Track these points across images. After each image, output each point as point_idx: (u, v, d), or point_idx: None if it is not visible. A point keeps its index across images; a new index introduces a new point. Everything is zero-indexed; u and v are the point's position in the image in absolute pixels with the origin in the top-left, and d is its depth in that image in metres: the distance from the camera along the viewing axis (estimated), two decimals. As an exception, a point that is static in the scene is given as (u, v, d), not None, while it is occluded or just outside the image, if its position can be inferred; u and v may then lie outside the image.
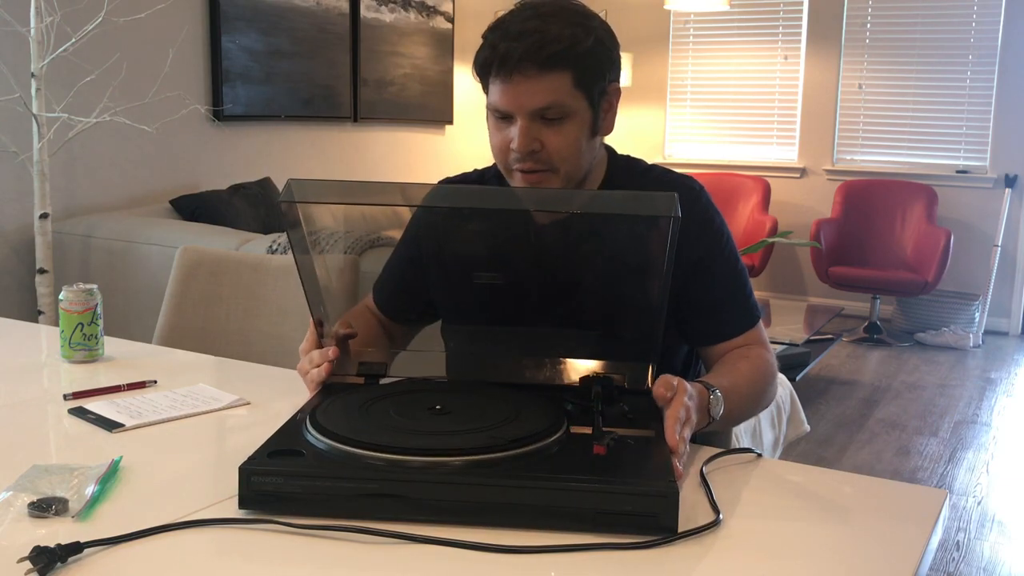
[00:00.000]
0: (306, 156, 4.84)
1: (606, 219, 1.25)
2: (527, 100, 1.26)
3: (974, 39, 5.68)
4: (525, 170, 1.30)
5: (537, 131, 1.27)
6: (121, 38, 3.64)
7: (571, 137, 1.29)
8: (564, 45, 1.25)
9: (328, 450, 1.01)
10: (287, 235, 1.19)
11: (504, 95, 1.27)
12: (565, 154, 1.29)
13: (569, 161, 1.30)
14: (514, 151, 1.29)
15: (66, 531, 0.93)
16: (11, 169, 3.37)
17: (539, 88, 1.25)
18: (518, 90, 1.26)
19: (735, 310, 1.41)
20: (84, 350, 1.57)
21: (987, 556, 2.79)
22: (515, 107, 1.27)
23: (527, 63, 1.24)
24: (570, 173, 1.32)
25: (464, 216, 1.32)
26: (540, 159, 1.29)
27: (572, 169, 1.31)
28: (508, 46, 1.24)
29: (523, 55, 1.24)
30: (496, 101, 1.29)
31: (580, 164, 1.33)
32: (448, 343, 1.43)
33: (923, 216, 5.60)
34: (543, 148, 1.28)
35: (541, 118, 1.27)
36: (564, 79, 1.26)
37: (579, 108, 1.29)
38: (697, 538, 0.94)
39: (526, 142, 1.27)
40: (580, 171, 1.34)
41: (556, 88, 1.26)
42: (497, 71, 1.26)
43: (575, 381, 1.24)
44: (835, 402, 4.30)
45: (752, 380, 1.35)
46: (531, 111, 1.26)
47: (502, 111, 1.29)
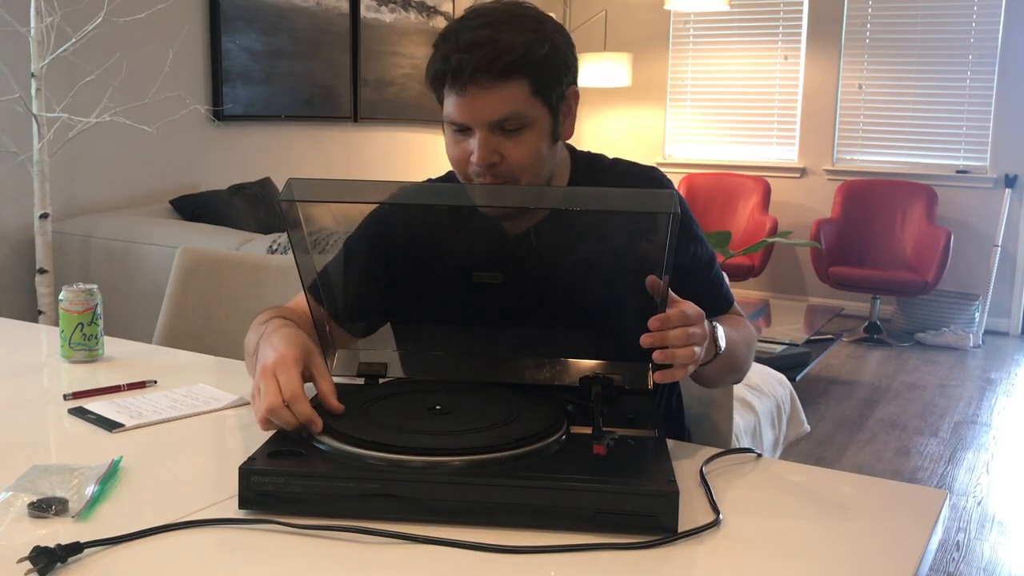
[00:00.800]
0: (306, 156, 4.84)
1: (605, 217, 1.25)
2: (484, 112, 1.23)
3: (974, 39, 5.68)
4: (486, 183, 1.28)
5: (496, 143, 1.24)
6: (121, 38, 3.64)
7: (531, 146, 1.26)
8: (519, 54, 1.21)
9: (328, 450, 1.01)
10: (287, 235, 1.19)
11: (460, 108, 1.23)
12: (526, 164, 1.26)
13: (530, 170, 1.28)
14: (473, 164, 1.26)
15: (66, 531, 0.93)
16: (11, 169, 3.37)
17: (495, 99, 1.22)
18: (475, 103, 1.22)
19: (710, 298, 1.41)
20: (84, 350, 1.57)
21: (987, 556, 2.79)
22: (472, 120, 1.24)
23: (481, 75, 1.20)
24: (532, 182, 1.30)
25: (459, 215, 1.31)
26: (500, 171, 1.26)
27: (533, 178, 1.29)
28: (460, 58, 1.20)
29: (477, 67, 1.20)
30: (452, 114, 1.25)
31: (541, 172, 1.30)
32: (445, 344, 1.43)
33: (923, 216, 5.60)
34: (503, 160, 1.25)
35: (500, 129, 1.24)
36: (521, 88, 1.23)
37: (538, 116, 1.26)
38: (697, 538, 0.94)
39: (485, 155, 1.24)
40: (541, 179, 1.32)
41: (513, 98, 1.23)
42: (451, 84, 1.23)
43: (575, 381, 1.24)
44: (835, 402, 4.30)
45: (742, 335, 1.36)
46: (489, 123, 1.23)
47: (459, 124, 1.25)
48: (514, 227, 1.34)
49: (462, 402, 1.17)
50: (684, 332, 1.08)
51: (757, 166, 6.29)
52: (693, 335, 1.09)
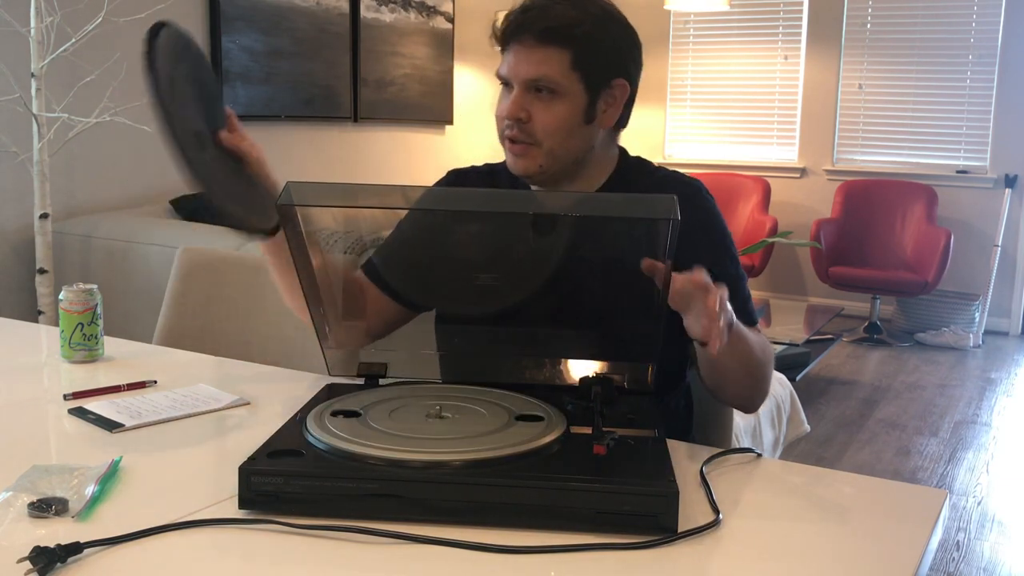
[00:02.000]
0: (306, 156, 4.84)
1: (606, 222, 1.25)
2: (521, 70, 1.32)
3: (974, 39, 5.68)
4: (512, 139, 1.35)
5: (528, 102, 1.33)
6: (121, 38, 3.64)
7: (558, 115, 1.33)
8: (562, 23, 1.30)
9: (328, 450, 1.02)
10: (286, 236, 1.19)
11: (506, 63, 1.35)
12: (550, 130, 1.33)
13: (553, 137, 1.33)
14: (504, 118, 1.34)
15: (66, 531, 0.93)
16: (11, 169, 3.37)
17: (534, 59, 1.31)
18: (516, 59, 1.33)
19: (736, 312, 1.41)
20: (84, 350, 1.57)
21: (987, 556, 2.79)
22: (511, 75, 1.34)
23: (525, 34, 1.31)
24: (554, 151, 1.34)
25: (464, 218, 1.32)
26: (526, 130, 1.33)
27: (556, 147, 1.34)
28: (513, 18, 1.33)
29: (521, 25, 1.32)
30: (500, 70, 1.36)
31: (567, 146, 1.35)
32: (446, 344, 1.43)
33: (923, 216, 5.60)
34: (530, 120, 1.33)
35: (534, 89, 1.32)
36: (560, 57, 1.31)
37: (573, 90, 1.32)
38: (697, 538, 0.94)
39: (514, 109, 1.33)
40: (567, 153, 1.36)
41: (550, 63, 1.31)
42: (503, 40, 1.35)
43: (575, 381, 1.24)
44: (835, 402, 4.30)
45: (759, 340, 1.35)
46: (524, 80, 1.32)
47: (503, 78, 1.36)
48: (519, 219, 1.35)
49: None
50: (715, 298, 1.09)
51: (757, 166, 6.29)
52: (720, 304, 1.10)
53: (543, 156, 1.34)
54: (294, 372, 1.53)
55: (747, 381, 1.39)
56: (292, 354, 1.86)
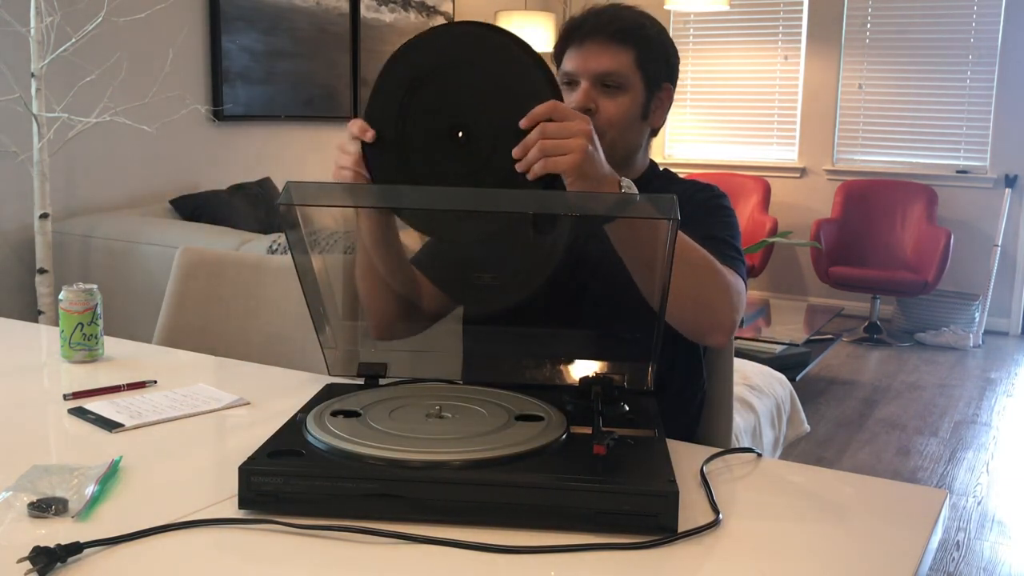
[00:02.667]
0: (306, 156, 4.84)
1: (606, 222, 1.25)
2: (593, 63, 1.42)
3: (974, 39, 5.68)
4: None
5: (595, 95, 1.42)
6: (121, 38, 3.64)
7: (624, 108, 1.42)
8: (634, 25, 1.44)
9: (328, 450, 1.01)
10: (286, 236, 1.19)
11: (573, 60, 1.43)
12: (615, 120, 1.42)
13: (617, 128, 1.42)
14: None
15: (66, 531, 0.93)
16: (11, 169, 3.37)
17: (605, 55, 1.42)
18: (587, 55, 1.42)
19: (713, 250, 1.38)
20: (84, 350, 1.57)
21: (987, 556, 2.79)
22: (581, 69, 1.42)
23: (599, 33, 1.42)
24: (616, 142, 1.41)
25: (462, 218, 1.31)
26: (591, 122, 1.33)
27: (618, 138, 1.42)
28: (586, 18, 1.45)
29: (596, 25, 1.43)
30: (566, 66, 1.45)
31: (627, 138, 1.45)
32: (446, 343, 1.43)
33: (923, 216, 5.60)
34: (597, 111, 1.40)
35: (602, 84, 1.42)
36: (628, 55, 1.42)
37: (636, 86, 1.43)
38: (697, 538, 0.94)
39: (584, 100, 1.40)
40: (625, 145, 1.44)
41: (620, 60, 1.42)
42: (571, 38, 1.44)
43: (575, 381, 1.24)
44: (835, 402, 4.30)
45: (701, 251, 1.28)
46: (594, 74, 1.41)
47: (570, 74, 1.43)
48: (520, 219, 1.34)
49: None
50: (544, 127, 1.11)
51: (757, 166, 6.29)
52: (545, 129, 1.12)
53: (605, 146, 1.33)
54: (294, 372, 1.53)
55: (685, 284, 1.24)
56: (292, 354, 1.86)
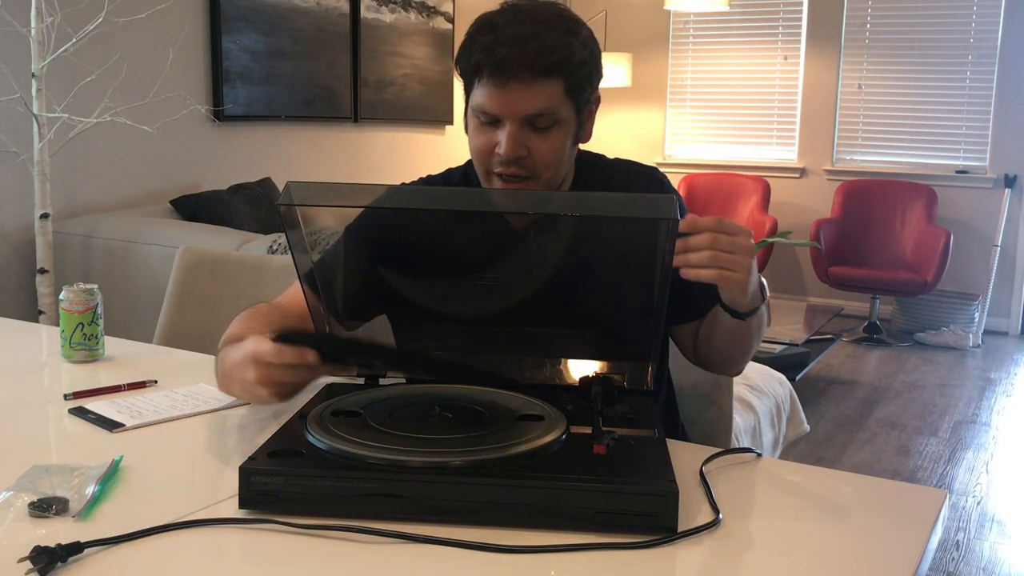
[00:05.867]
0: (306, 156, 4.84)
1: (605, 221, 1.25)
2: (519, 106, 1.24)
3: (974, 39, 5.68)
4: (507, 175, 1.29)
5: (525, 137, 1.26)
6: (121, 38, 3.64)
7: (558, 144, 1.29)
8: (561, 55, 1.24)
9: (328, 450, 1.02)
10: (286, 236, 1.19)
11: (495, 99, 1.25)
12: (550, 161, 1.29)
13: (552, 168, 1.30)
14: (499, 155, 1.27)
15: (66, 531, 0.93)
16: (11, 169, 3.37)
17: (533, 95, 1.24)
18: (512, 95, 1.24)
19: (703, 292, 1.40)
20: (84, 350, 1.57)
21: (987, 556, 2.79)
22: (506, 112, 1.25)
23: (525, 71, 1.22)
24: (551, 180, 1.32)
25: (460, 219, 1.31)
26: (524, 165, 1.28)
27: (553, 176, 1.32)
28: (506, 51, 1.22)
29: (522, 62, 1.22)
30: (484, 104, 1.26)
31: (560, 171, 1.33)
32: (446, 344, 1.43)
33: (923, 216, 5.60)
34: (529, 155, 1.27)
35: (531, 124, 1.26)
36: (557, 88, 1.25)
37: (567, 116, 1.29)
38: (697, 538, 0.94)
39: (514, 147, 1.26)
40: (559, 178, 1.35)
41: (549, 96, 1.25)
42: (490, 75, 1.24)
43: (575, 381, 1.24)
44: (835, 402, 4.30)
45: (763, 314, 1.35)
46: (523, 117, 1.25)
47: (491, 115, 1.27)
48: (519, 219, 1.34)
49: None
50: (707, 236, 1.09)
51: (757, 166, 6.29)
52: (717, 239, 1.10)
53: (541, 187, 1.31)
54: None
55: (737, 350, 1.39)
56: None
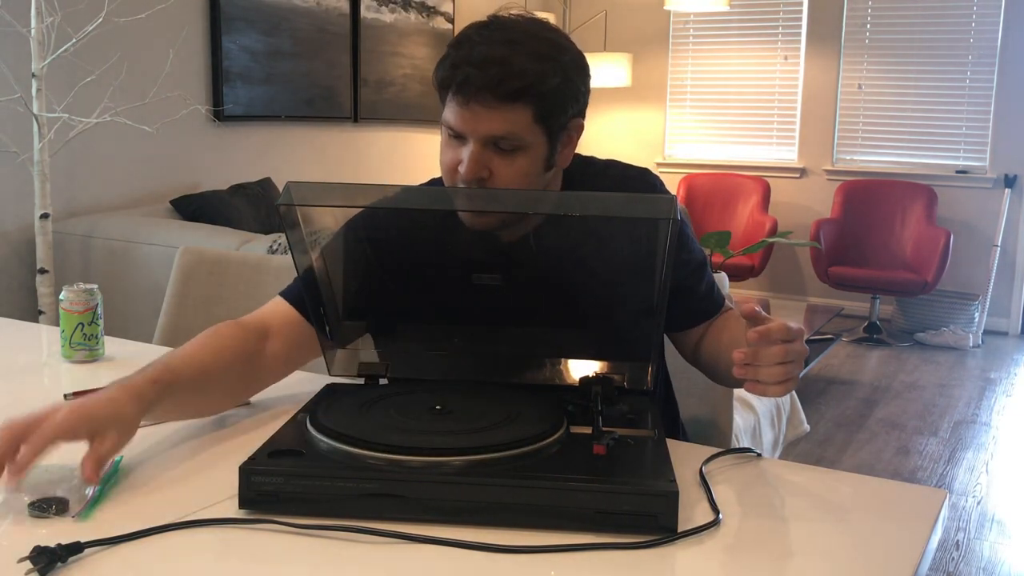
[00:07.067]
0: (306, 156, 4.84)
1: (605, 222, 1.25)
2: (482, 127, 1.21)
3: (974, 39, 5.68)
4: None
5: (488, 159, 1.23)
6: (122, 38, 3.64)
7: (522, 170, 1.24)
8: (528, 81, 1.19)
9: (328, 450, 1.02)
10: (286, 236, 1.19)
11: (459, 117, 1.22)
12: (512, 185, 1.25)
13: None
14: (460, 173, 1.24)
15: (66, 531, 0.93)
16: (11, 169, 3.37)
17: (495, 117, 1.21)
18: (474, 116, 1.21)
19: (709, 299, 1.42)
20: (84, 350, 1.57)
21: (987, 556, 2.79)
22: (468, 131, 1.22)
23: (487, 93, 1.19)
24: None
25: (460, 218, 1.31)
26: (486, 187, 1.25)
27: None
28: (469, 72, 1.19)
29: (483, 85, 1.19)
30: (450, 120, 1.24)
31: None
32: (446, 344, 1.43)
33: (923, 216, 5.60)
34: (491, 176, 1.24)
35: (494, 146, 1.23)
36: (524, 113, 1.21)
37: (536, 143, 1.24)
38: (697, 538, 0.94)
39: (474, 168, 1.22)
40: None
41: (514, 120, 1.21)
42: (455, 93, 1.22)
43: (575, 381, 1.24)
44: (835, 402, 4.30)
45: None
46: (484, 137, 1.22)
47: (455, 130, 1.24)
48: (510, 235, 1.33)
49: (462, 402, 1.17)
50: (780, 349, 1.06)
51: (757, 166, 6.29)
52: (789, 351, 1.07)
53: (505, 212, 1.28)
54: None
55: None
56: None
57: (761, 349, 1.06)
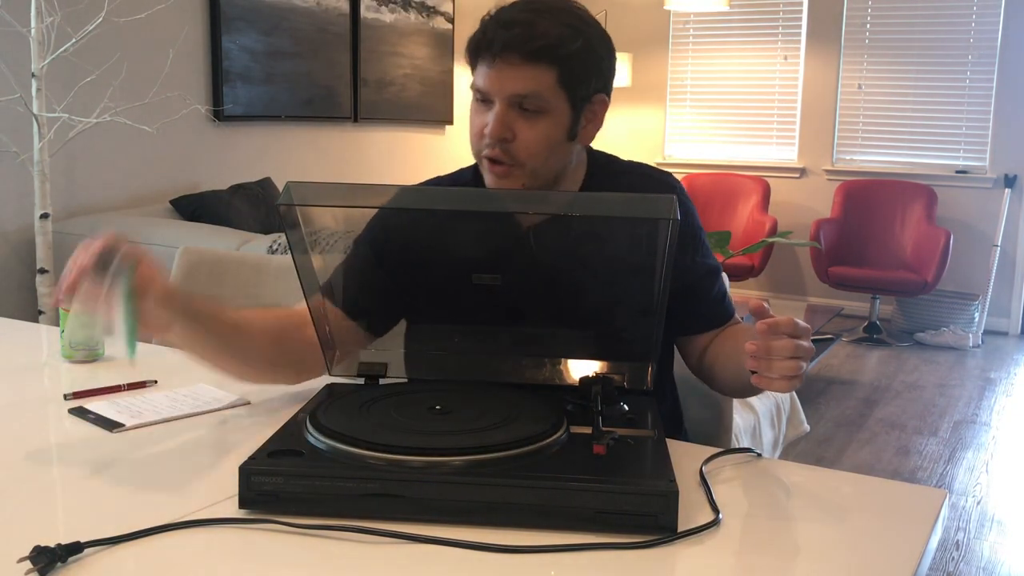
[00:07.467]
0: (306, 156, 4.84)
1: (605, 221, 1.25)
2: (507, 85, 1.27)
3: (974, 39, 5.68)
4: (493, 159, 1.30)
5: (512, 120, 1.28)
6: (122, 38, 3.64)
7: (544, 133, 1.29)
8: (550, 42, 1.25)
9: (328, 450, 1.02)
10: (286, 236, 1.19)
11: (486, 78, 1.28)
12: (533, 149, 1.29)
13: (536, 158, 1.30)
14: (486, 136, 1.29)
15: (66, 531, 0.93)
16: (11, 169, 3.37)
17: (519, 76, 1.26)
18: (501, 75, 1.27)
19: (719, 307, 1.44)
20: (85, 350, 1.57)
21: (987, 556, 2.79)
22: (495, 90, 1.27)
23: (512, 52, 1.25)
24: (536, 171, 1.31)
25: (463, 218, 1.31)
26: (509, 149, 1.29)
27: (539, 167, 1.31)
28: (496, 32, 1.26)
29: (508, 43, 1.25)
30: (478, 82, 1.30)
31: (548, 164, 1.32)
32: (446, 343, 1.43)
33: (923, 216, 5.60)
34: (514, 139, 1.28)
35: (519, 107, 1.27)
36: (548, 75, 1.27)
37: (558, 108, 1.29)
38: (697, 538, 0.95)
39: (499, 128, 1.27)
40: (548, 171, 1.33)
41: (537, 80, 1.26)
42: (484, 54, 1.28)
43: (575, 381, 1.24)
44: (835, 402, 4.30)
45: None
46: (510, 96, 1.27)
47: (483, 92, 1.29)
48: (519, 219, 1.34)
49: (462, 402, 1.17)
50: (791, 343, 1.08)
51: (757, 166, 6.29)
52: (799, 347, 1.08)
53: (526, 176, 1.31)
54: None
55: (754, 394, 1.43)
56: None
57: (773, 342, 1.08)
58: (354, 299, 1.38)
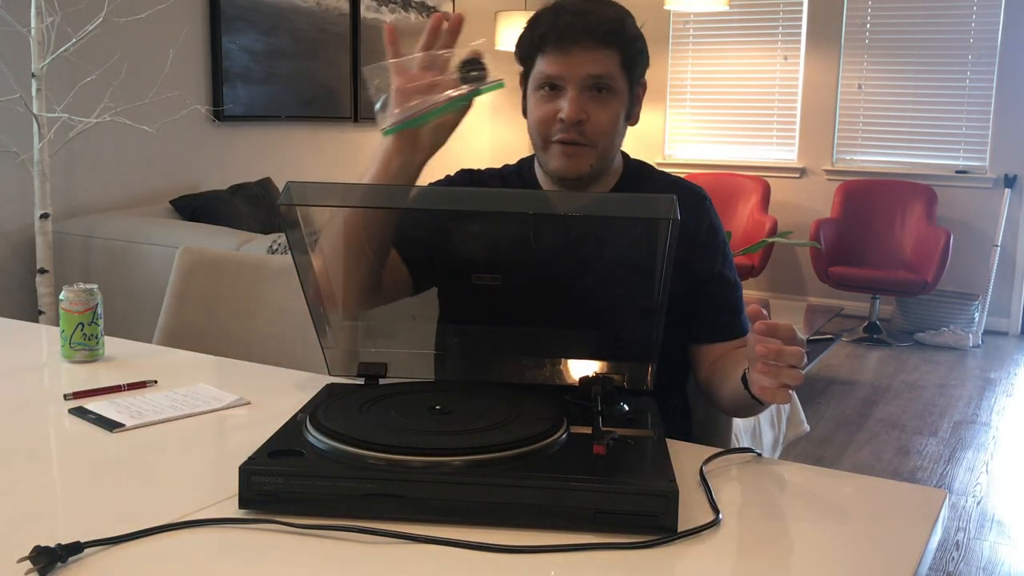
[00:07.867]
0: (306, 156, 4.84)
1: (606, 221, 1.25)
2: (582, 68, 1.33)
3: (974, 39, 5.68)
4: (567, 140, 1.35)
5: (585, 102, 1.34)
6: (122, 38, 3.64)
7: (614, 113, 1.36)
8: (618, 26, 1.35)
9: (328, 450, 1.02)
10: (286, 236, 1.19)
11: (559, 64, 1.34)
12: (606, 129, 1.36)
13: (607, 137, 1.37)
14: (561, 120, 1.34)
15: (66, 531, 0.93)
16: (11, 169, 3.37)
17: (593, 59, 1.34)
18: (575, 60, 1.33)
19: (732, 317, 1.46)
20: (84, 350, 1.57)
21: (987, 556, 2.79)
22: (569, 74, 1.34)
23: (586, 37, 1.33)
24: (605, 151, 1.38)
25: (465, 218, 1.32)
26: (584, 132, 1.35)
27: (608, 147, 1.38)
28: (569, 19, 1.34)
29: (584, 28, 1.33)
30: (548, 70, 1.35)
31: (614, 144, 1.40)
32: (446, 343, 1.43)
33: (923, 216, 5.60)
34: (588, 120, 1.34)
35: (591, 89, 1.34)
36: (614, 57, 1.35)
37: (622, 89, 1.37)
38: (697, 538, 0.95)
39: (575, 110, 1.33)
40: (612, 152, 1.41)
41: (607, 62, 1.34)
42: (555, 43, 1.34)
43: (575, 381, 1.24)
44: (835, 402, 4.30)
45: None
46: (584, 78, 1.34)
47: (554, 78, 1.35)
48: (520, 219, 1.34)
49: (462, 402, 1.17)
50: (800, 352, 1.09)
51: (757, 166, 6.29)
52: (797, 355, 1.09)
53: (595, 157, 1.37)
54: (294, 372, 1.53)
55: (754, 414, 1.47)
56: (292, 354, 1.86)
57: (786, 347, 1.08)
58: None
